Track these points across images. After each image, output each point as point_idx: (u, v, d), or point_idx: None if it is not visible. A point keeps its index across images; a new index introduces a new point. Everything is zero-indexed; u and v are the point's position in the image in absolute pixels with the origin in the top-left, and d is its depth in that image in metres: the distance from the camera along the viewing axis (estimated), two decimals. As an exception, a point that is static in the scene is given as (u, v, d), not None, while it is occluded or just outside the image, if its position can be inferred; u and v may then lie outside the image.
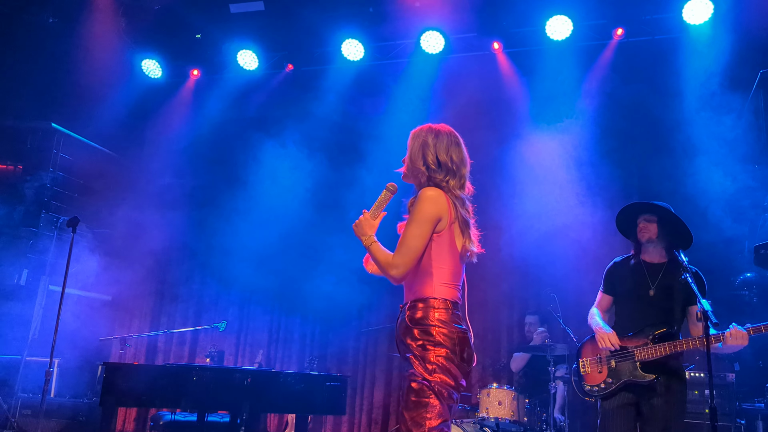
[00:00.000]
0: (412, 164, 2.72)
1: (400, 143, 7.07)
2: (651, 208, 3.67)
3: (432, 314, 2.52)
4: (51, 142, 7.32)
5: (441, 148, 2.68)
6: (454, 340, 2.50)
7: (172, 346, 7.90)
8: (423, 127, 2.78)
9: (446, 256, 2.60)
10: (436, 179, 2.64)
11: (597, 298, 3.93)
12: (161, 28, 7.54)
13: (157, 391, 4.65)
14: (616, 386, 3.54)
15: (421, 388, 2.43)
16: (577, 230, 6.39)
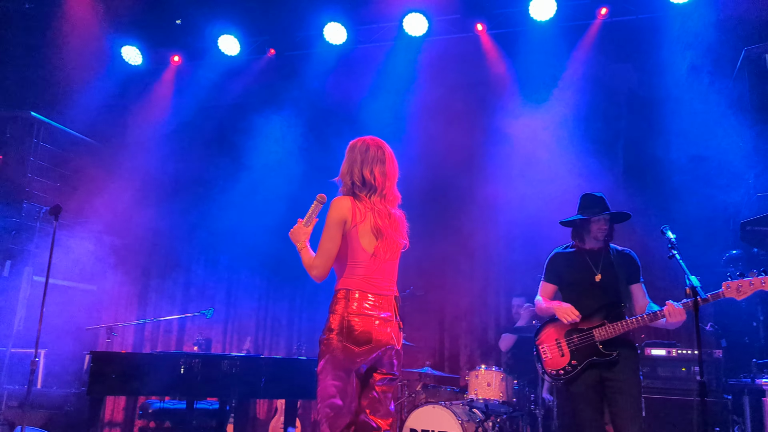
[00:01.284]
0: (342, 176, 3.04)
1: (386, 127, 7.08)
2: (615, 215, 3.82)
3: (335, 304, 2.89)
4: (31, 131, 7.19)
5: (366, 165, 2.98)
6: (345, 323, 2.82)
7: (159, 334, 7.87)
8: (356, 142, 3.06)
9: (354, 253, 2.91)
10: (356, 193, 2.97)
11: (540, 288, 4.03)
12: (141, 13, 7.42)
13: (145, 379, 4.61)
14: (581, 367, 3.65)
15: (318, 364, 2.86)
16: (562, 211, 6.39)
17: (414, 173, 7.18)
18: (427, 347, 6.85)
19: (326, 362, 2.79)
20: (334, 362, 2.78)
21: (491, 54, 7.12)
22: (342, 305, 2.85)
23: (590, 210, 3.81)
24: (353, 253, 2.91)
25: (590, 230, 3.81)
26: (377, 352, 2.85)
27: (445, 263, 6.95)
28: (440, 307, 6.97)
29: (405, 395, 6.15)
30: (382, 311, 2.90)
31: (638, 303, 3.76)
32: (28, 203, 6.96)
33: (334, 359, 2.78)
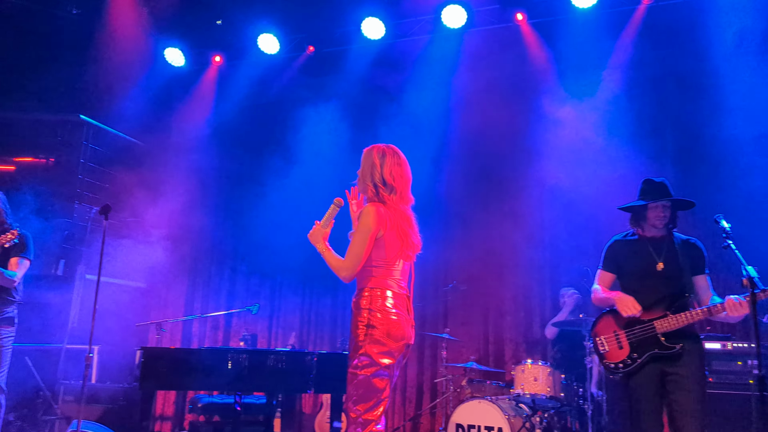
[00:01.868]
0: (362, 180, 3.24)
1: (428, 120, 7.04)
2: (677, 203, 3.67)
3: (367, 301, 3.04)
4: (80, 134, 7.41)
5: (386, 168, 3.18)
6: (385, 321, 3.00)
7: (207, 330, 8.02)
8: (372, 148, 3.26)
9: (381, 256, 3.10)
10: (380, 195, 3.15)
11: (597, 277, 3.88)
12: (182, 15, 7.55)
13: (194, 374, 4.71)
14: (642, 360, 3.51)
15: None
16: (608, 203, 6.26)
17: (455, 167, 7.14)
18: (472, 342, 6.80)
19: (369, 358, 2.95)
20: (379, 358, 2.95)
21: (533, 44, 7.00)
22: (373, 303, 3.02)
23: (649, 196, 3.65)
24: (380, 255, 3.10)
25: (648, 217, 3.66)
26: (406, 348, 3.10)
27: (488, 256, 6.87)
28: (484, 301, 6.90)
29: (450, 390, 6.12)
30: (404, 310, 3.12)
31: (702, 295, 3.61)
32: (79, 204, 7.18)
33: (379, 355, 2.95)
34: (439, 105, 7.12)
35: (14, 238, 4.40)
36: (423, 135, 7.00)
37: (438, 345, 6.78)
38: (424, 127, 7.03)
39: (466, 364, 6.04)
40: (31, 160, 7.66)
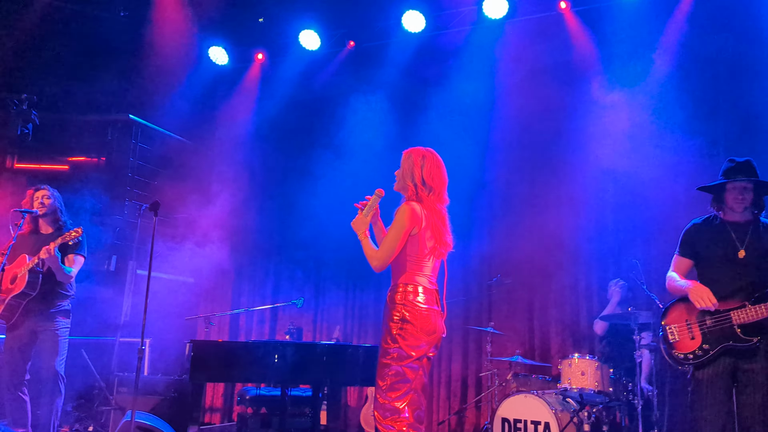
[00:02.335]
0: (403, 180, 3.42)
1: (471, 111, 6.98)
2: (761, 185, 3.45)
3: (401, 297, 3.20)
4: (130, 133, 7.63)
5: (425, 170, 3.36)
6: (418, 316, 3.16)
7: (253, 324, 8.16)
8: (413, 151, 3.45)
9: (417, 252, 3.27)
10: (420, 195, 3.32)
11: (673, 263, 3.68)
12: (225, 14, 7.67)
13: (242, 366, 4.79)
14: (715, 352, 3.32)
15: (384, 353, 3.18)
16: (658, 194, 6.11)
17: (499, 158, 7.07)
18: (516, 336, 6.74)
19: (401, 350, 3.13)
20: (410, 351, 3.13)
21: (577, 32, 6.87)
22: (406, 298, 3.18)
23: (727, 175, 3.42)
24: (415, 251, 3.26)
25: (726, 199, 3.43)
26: (437, 341, 3.27)
27: (533, 249, 6.78)
28: (529, 295, 6.82)
29: (495, 384, 6.08)
30: (435, 304, 3.27)
31: None
32: (129, 201, 7.39)
33: (410, 348, 3.13)
34: (482, 96, 7.05)
35: (78, 235, 4.56)
36: (467, 127, 6.95)
37: (482, 339, 6.74)
38: (468, 119, 6.98)
39: (511, 358, 5.99)
40: (83, 159, 7.92)
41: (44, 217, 4.84)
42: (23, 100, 6.72)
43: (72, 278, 4.78)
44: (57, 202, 4.94)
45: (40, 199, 4.83)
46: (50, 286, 4.70)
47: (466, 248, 7.16)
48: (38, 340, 4.70)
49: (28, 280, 4.60)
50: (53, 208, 4.88)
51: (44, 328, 4.68)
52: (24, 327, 4.66)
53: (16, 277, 4.66)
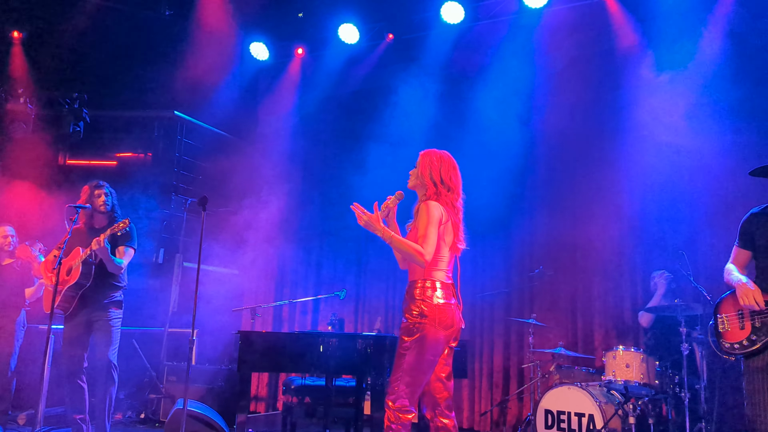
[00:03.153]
0: (422, 178, 3.56)
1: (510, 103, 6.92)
2: None
3: (420, 292, 3.34)
4: (175, 129, 7.83)
5: (443, 170, 3.53)
6: (435, 311, 3.30)
7: (296, 315, 8.29)
8: (430, 152, 3.60)
9: (438, 248, 3.39)
10: (439, 192, 3.48)
11: (732, 254, 3.65)
12: (266, 10, 7.79)
13: (288, 357, 4.87)
14: (762, 343, 3.29)
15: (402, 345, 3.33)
16: (705, 184, 5.98)
17: (541, 148, 7.01)
18: (559, 328, 6.69)
19: (418, 343, 3.27)
20: (426, 344, 3.27)
21: (619, 20, 6.75)
22: (427, 294, 3.32)
23: None
24: (437, 247, 3.38)
25: None
26: (456, 333, 3.42)
27: (575, 240, 6.74)
28: (571, 286, 6.76)
29: (538, 376, 6.07)
30: (452, 298, 3.41)
31: None
32: (176, 196, 7.59)
33: (427, 341, 3.27)
34: (523, 86, 6.99)
35: (126, 226, 4.71)
36: (508, 117, 6.91)
37: (524, 331, 6.72)
38: (509, 110, 6.93)
39: (554, 350, 5.96)
40: (130, 155, 8.16)
41: (100, 213, 5.01)
42: (75, 98, 6.97)
43: (122, 269, 4.92)
44: (114, 198, 5.11)
45: (101, 197, 4.99)
46: (103, 278, 4.87)
47: (507, 240, 7.14)
48: (93, 330, 4.87)
49: (81, 271, 4.77)
50: (111, 205, 5.05)
51: (98, 318, 4.84)
52: (80, 317, 4.83)
53: (71, 269, 4.84)
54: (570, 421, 5.33)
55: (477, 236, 7.09)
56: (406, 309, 3.38)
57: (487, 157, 6.85)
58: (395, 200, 3.58)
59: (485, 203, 6.84)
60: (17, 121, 6.89)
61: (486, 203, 6.84)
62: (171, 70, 7.58)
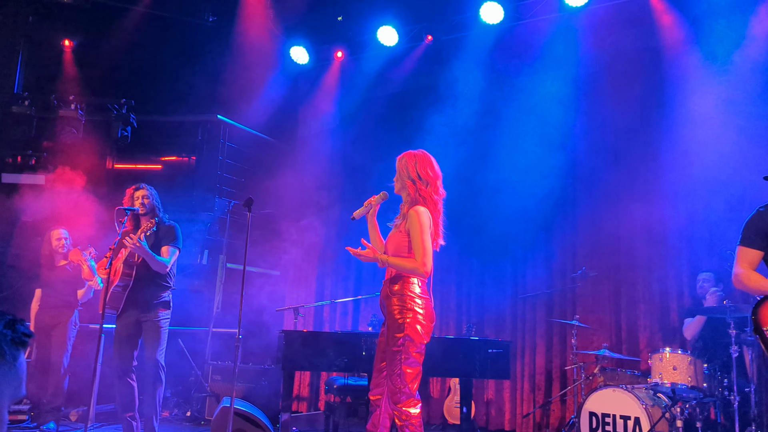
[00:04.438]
0: (401, 179, 3.74)
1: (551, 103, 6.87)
2: None
3: (400, 287, 3.54)
4: (218, 132, 7.99)
5: (419, 167, 3.70)
6: (423, 306, 3.53)
7: (336, 315, 8.36)
8: (405, 154, 3.79)
9: None
10: (418, 189, 3.65)
11: (738, 256, 3.39)
12: (306, 14, 7.89)
13: (331, 356, 4.94)
14: None
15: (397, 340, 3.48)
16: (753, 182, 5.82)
17: (583, 147, 6.94)
18: (602, 329, 6.60)
19: (410, 338, 3.44)
20: (419, 337, 3.46)
21: (663, 16, 6.63)
22: (406, 289, 3.51)
23: None
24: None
25: None
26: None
27: (618, 240, 6.64)
28: (615, 287, 6.67)
29: (582, 377, 6.00)
30: (428, 293, 3.62)
31: None
32: (219, 198, 7.74)
33: (418, 335, 3.46)
34: (565, 85, 6.93)
35: (152, 226, 4.82)
36: (550, 117, 6.85)
37: (567, 332, 6.65)
38: (551, 109, 6.87)
39: (598, 351, 5.89)
40: (174, 158, 8.35)
41: (143, 215, 5.13)
42: (122, 104, 7.18)
43: (167, 267, 5.02)
44: (154, 200, 5.21)
45: (140, 198, 5.10)
46: (150, 279, 4.98)
47: (548, 241, 7.08)
48: (142, 330, 4.99)
49: (123, 271, 4.91)
50: (151, 206, 5.15)
51: (147, 318, 4.96)
52: (130, 317, 4.96)
53: (116, 269, 4.98)
54: (615, 424, 5.26)
55: (516, 237, 7.07)
56: (390, 306, 3.53)
57: (528, 158, 6.81)
58: (379, 199, 3.81)
59: (526, 204, 6.82)
60: (68, 127, 7.13)
61: (527, 204, 6.82)
62: (214, 75, 7.74)
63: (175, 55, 7.88)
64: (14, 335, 1.17)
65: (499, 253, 7.24)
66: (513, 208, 6.83)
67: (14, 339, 1.17)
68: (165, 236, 5.05)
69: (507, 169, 6.91)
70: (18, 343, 1.18)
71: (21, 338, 1.18)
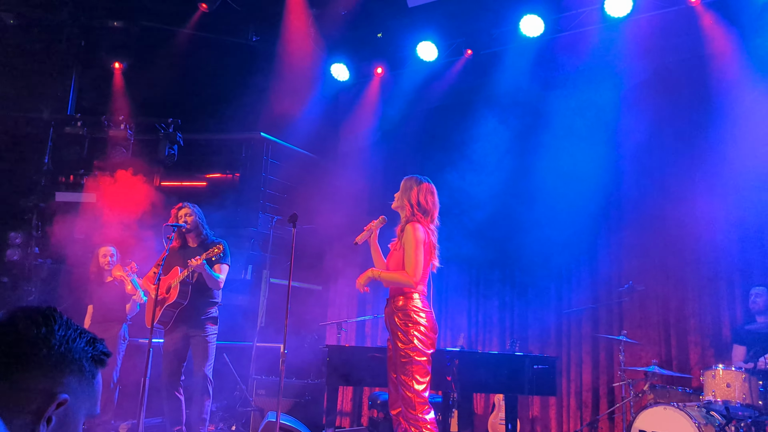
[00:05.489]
0: (402, 201, 3.98)
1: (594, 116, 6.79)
2: None
3: (404, 302, 3.77)
4: (262, 149, 8.13)
5: (421, 195, 3.94)
6: (426, 318, 3.76)
7: (378, 330, 8.36)
8: (411, 178, 4.02)
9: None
10: (415, 214, 3.88)
11: None
12: (346, 32, 7.99)
13: (375, 371, 4.94)
14: None
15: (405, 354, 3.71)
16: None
17: (628, 160, 6.83)
18: (651, 345, 6.44)
19: (416, 348, 3.65)
20: (424, 347, 3.68)
21: (709, 25, 6.50)
22: (410, 303, 3.73)
23: None
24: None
25: None
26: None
27: (666, 253, 6.49)
28: (664, 302, 6.50)
29: (630, 395, 5.85)
30: (430, 307, 3.86)
31: None
32: (263, 214, 7.86)
33: (424, 345, 3.68)
34: (607, 98, 6.85)
35: (220, 252, 4.92)
36: (593, 130, 6.77)
37: (614, 348, 6.51)
38: (593, 122, 6.80)
39: (647, 368, 5.74)
40: (219, 176, 8.52)
41: (188, 232, 5.23)
42: (169, 123, 7.38)
43: (221, 284, 5.13)
44: (198, 217, 5.31)
45: (184, 216, 5.21)
46: (200, 295, 5.09)
47: (593, 255, 6.97)
48: (191, 345, 5.08)
49: (180, 290, 5.01)
50: (195, 224, 5.24)
51: (196, 333, 5.05)
52: (179, 332, 5.07)
53: (170, 287, 5.09)
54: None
55: (560, 250, 6.97)
56: (395, 320, 3.74)
57: (572, 170, 6.74)
58: (378, 224, 4.07)
59: (570, 218, 6.74)
60: (118, 147, 7.36)
61: (570, 216, 6.73)
62: (257, 93, 7.89)
63: (220, 75, 8.07)
64: (94, 353, 1.21)
65: (542, 266, 7.15)
66: (556, 221, 6.75)
67: (94, 357, 1.21)
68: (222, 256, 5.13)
69: (550, 182, 6.85)
70: (97, 361, 1.22)
71: (100, 356, 1.22)
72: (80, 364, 1.18)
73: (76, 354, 1.18)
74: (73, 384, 1.16)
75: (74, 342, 1.18)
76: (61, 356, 1.16)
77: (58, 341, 1.16)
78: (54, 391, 1.13)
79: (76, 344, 1.18)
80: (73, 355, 1.18)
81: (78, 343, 1.19)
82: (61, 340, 1.17)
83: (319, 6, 7.66)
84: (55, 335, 1.16)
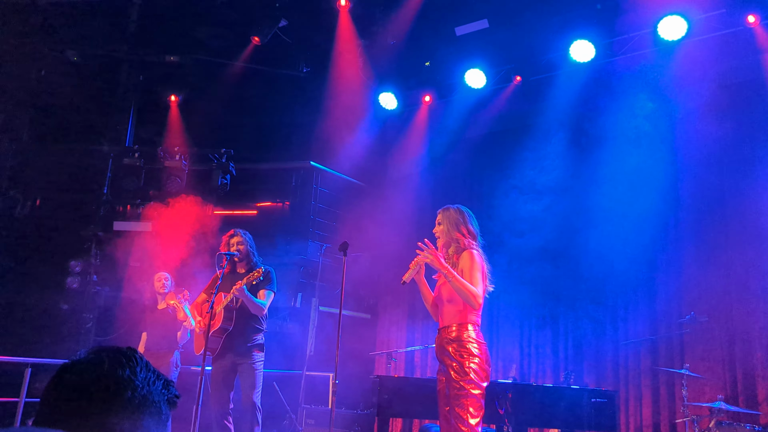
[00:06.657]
0: (450, 233, 3.93)
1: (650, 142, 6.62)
2: None
3: (458, 333, 3.71)
4: (311, 178, 8.23)
5: (468, 222, 3.97)
6: (480, 350, 3.68)
7: (428, 360, 8.23)
8: (449, 209, 4.04)
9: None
10: (469, 241, 3.86)
11: None
12: (393, 61, 8.07)
13: (426, 403, 4.85)
14: None
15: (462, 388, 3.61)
16: None
17: (686, 186, 6.62)
18: (715, 379, 6.14)
19: (471, 381, 3.57)
20: (479, 380, 3.60)
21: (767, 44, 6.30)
22: (465, 334, 3.68)
23: None
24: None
25: None
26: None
27: (729, 283, 6.21)
28: (728, 334, 6.20)
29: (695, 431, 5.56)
30: (483, 338, 3.79)
31: None
32: (312, 242, 7.91)
33: (479, 378, 3.60)
34: (662, 122, 6.68)
35: (260, 276, 4.93)
36: (648, 155, 6.60)
37: (675, 382, 6.23)
38: (649, 147, 6.63)
39: (712, 404, 5.45)
40: (269, 204, 8.63)
41: (239, 261, 5.28)
42: (222, 154, 7.55)
43: (264, 310, 5.12)
44: (249, 245, 5.35)
45: (235, 245, 5.26)
46: (245, 322, 5.09)
47: (651, 283, 6.73)
48: (238, 372, 5.09)
49: (224, 315, 5.04)
50: (246, 252, 5.29)
51: (243, 361, 5.05)
52: (226, 359, 5.08)
53: (214, 314, 5.12)
54: (736, 485, 4.82)
55: (616, 279, 6.76)
56: (451, 352, 3.66)
57: (627, 196, 6.56)
58: (423, 259, 3.86)
59: (625, 244, 6.54)
60: (173, 177, 7.56)
61: (626, 244, 6.54)
62: (307, 123, 8.02)
63: (271, 106, 8.24)
64: (170, 396, 1.21)
65: (597, 296, 6.94)
66: (611, 249, 6.56)
67: (170, 399, 1.21)
68: (261, 280, 5.16)
69: (604, 208, 6.68)
70: (171, 404, 1.22)
71: (173, 399, 1.22)
72: (158, 407, 1.18)
73: (156, 396, 1.18)
74: (151, 426, 1.16)
75: (154, 385, 1.19)
76: (143, 398, 1.16)
77: (141, 383, 1.17)
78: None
79: (155, 386, 1.19)
80: (153, 398, 1.18)
81: (157, 386, 1.19)
82: (143, 382, 1.17)
83: (369, 37, 7.76)
84: (138, 377, 1.17)
